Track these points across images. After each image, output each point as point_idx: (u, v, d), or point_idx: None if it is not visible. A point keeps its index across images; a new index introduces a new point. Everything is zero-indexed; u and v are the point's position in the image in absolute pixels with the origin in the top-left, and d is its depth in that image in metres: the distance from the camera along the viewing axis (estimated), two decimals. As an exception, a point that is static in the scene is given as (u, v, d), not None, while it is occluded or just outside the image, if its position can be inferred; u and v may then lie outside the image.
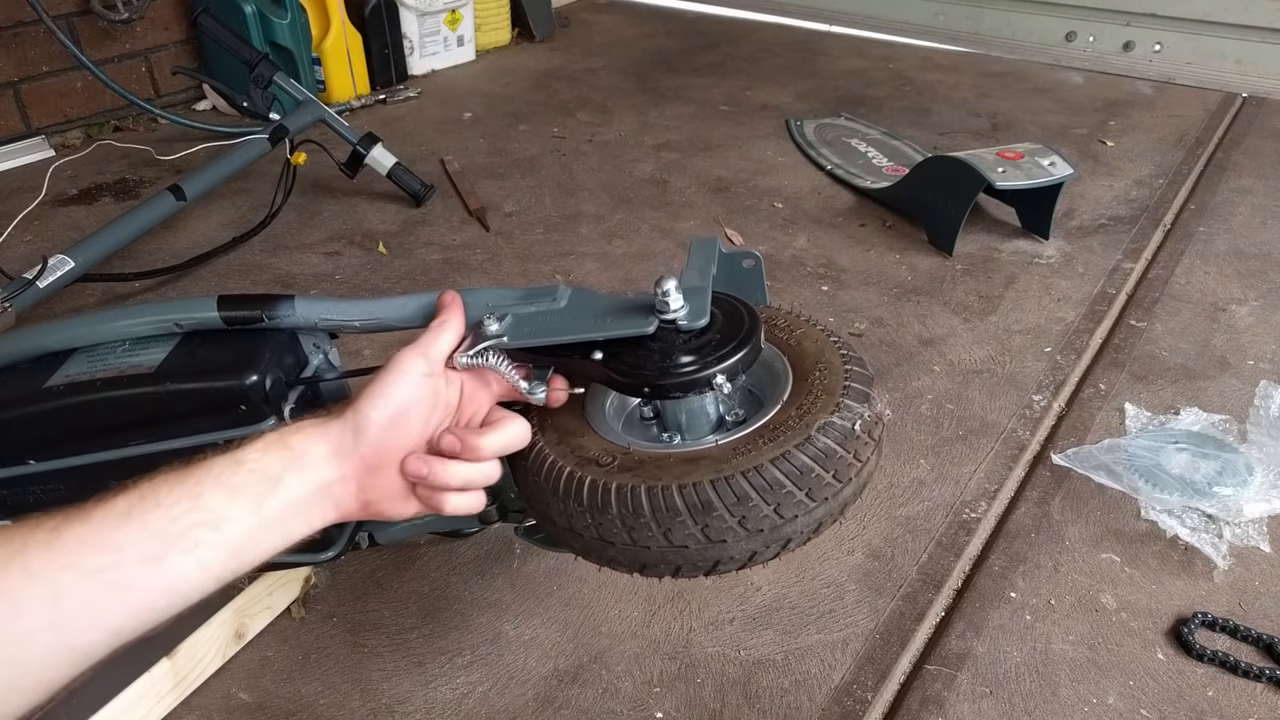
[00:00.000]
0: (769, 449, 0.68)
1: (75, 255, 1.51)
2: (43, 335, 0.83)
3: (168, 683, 0.91)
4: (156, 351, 0.79)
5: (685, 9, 3.33)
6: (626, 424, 0.81)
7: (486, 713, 0.93)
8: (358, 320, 0.82)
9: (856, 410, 0.70)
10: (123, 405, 0.77)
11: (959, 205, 1.70)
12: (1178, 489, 1.14)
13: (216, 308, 0.78)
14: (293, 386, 0.79)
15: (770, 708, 0.92)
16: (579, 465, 0.72)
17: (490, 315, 0.75)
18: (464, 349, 0.73)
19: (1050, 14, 2.74)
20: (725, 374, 0.70)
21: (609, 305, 0.76)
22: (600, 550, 0.72)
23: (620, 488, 0.69)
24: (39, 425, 0.80)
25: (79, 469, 0.81)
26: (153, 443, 0.79)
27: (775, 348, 0.80)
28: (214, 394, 0.76)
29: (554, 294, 0.78)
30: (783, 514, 0.67)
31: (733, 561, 0.70)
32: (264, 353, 0.77)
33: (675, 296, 0.71)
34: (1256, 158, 2.10)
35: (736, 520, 0.67)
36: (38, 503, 0.85)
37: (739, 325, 0.74)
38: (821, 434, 0.68)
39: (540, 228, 1.86)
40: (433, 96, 2.56)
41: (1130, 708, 0.92)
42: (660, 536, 0.68)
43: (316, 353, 0.84)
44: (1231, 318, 1.53)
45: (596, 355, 0.73)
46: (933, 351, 1.46)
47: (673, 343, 0.72)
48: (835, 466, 0.68)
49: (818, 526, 0.70)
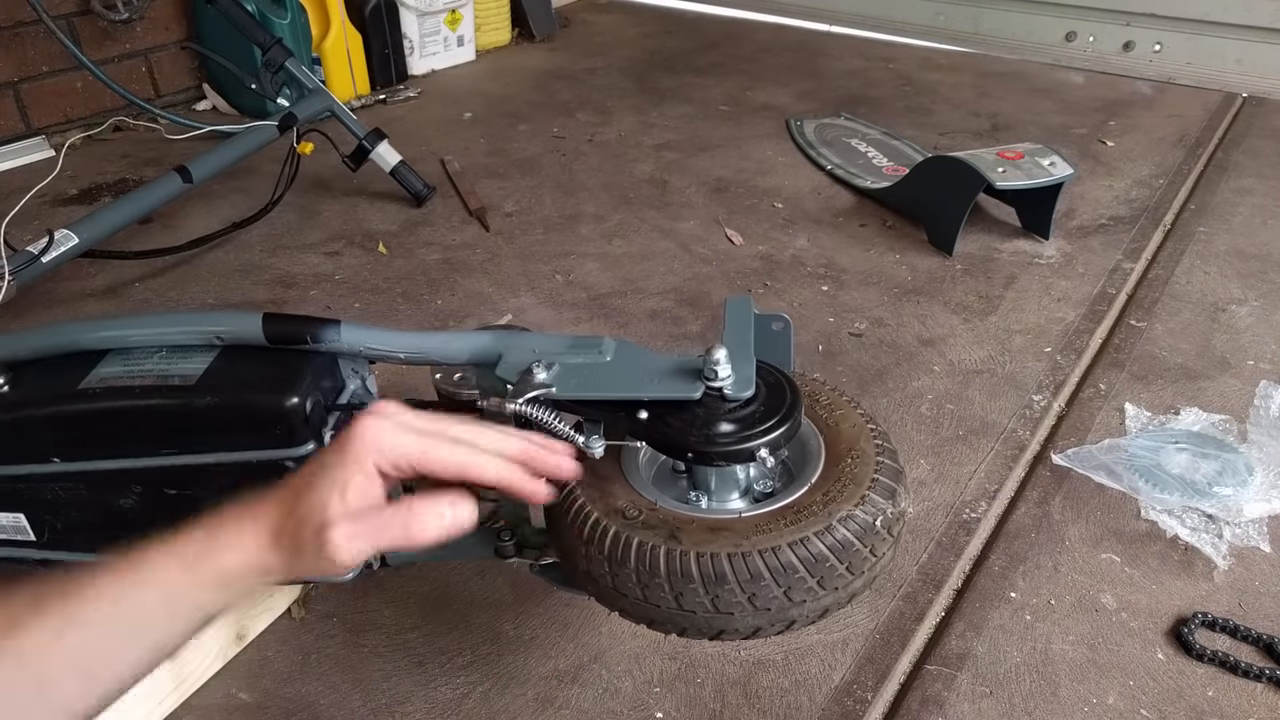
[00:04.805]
0: (789, 532, 0.69)
1: (80, 231, 1.51)
2: (77, 333, 0.82)
3: (168, 683, 0.91)
4: (196, 362, 0.78)
5: (685, 9, 3.33)
6: (658, 475, 0.82)
7: (486, 713, 0.93)
8: (402, 352, 0.81)
9: (880, 506, 0.72)
10: (160, 414, 0.76)
11: (959, 205, 1.70)
12: (1178, 489, 1.14)
13: (262, 325, 0.77)
14: (331, 411, 0.78)
15: (770, 708, 0.92)
16: (605, 514, 0.73)
17: (538, 363, 0.76)
18: (513, 397, 0.73)
19: (1050, 14, 2.74)
20: (768, 447, 0.71)
21: (656, 365, 0.77)
22: (613, 600, 0.74)
23: (641, 544, 0.70)
24: (70, 425, 0.79)
25: (104, 472, 0.80)
26: (185, 455, 0.78)
27: (813, 424, 0.81)
28: (254, 412, 0.75)
29: (599, 345, 0.79)
30: (792, 597, 0.69)
31: (736, 633, 0.71)
32: (306, 374, 0.76)
33: (724, 366, 0.73)
34: (1256, 158, 2.10)
35: (746, 596, 0.68)
36: (55, 500, 0.84)
37: (782, 399, 0.75)
38: (842, 525, 0.70)
39: (540, 228, 1.86)
40: (433, 96, 2.56)
41: (1130, 708, 0.92)
42: (671, 599, 0.69)
43: (354, 378, 0.83)
44: (1231, 318, 1.53)
45: (642, 414, 0.74)
46: (933, 351, 1.46)
47: (717, 410, 0.73)
48: (850, 559, 0.69)
49: (824, 612, 0.72)
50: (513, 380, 0.77)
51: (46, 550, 0.88)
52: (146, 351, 0.80)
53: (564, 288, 1.65)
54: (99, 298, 1.64)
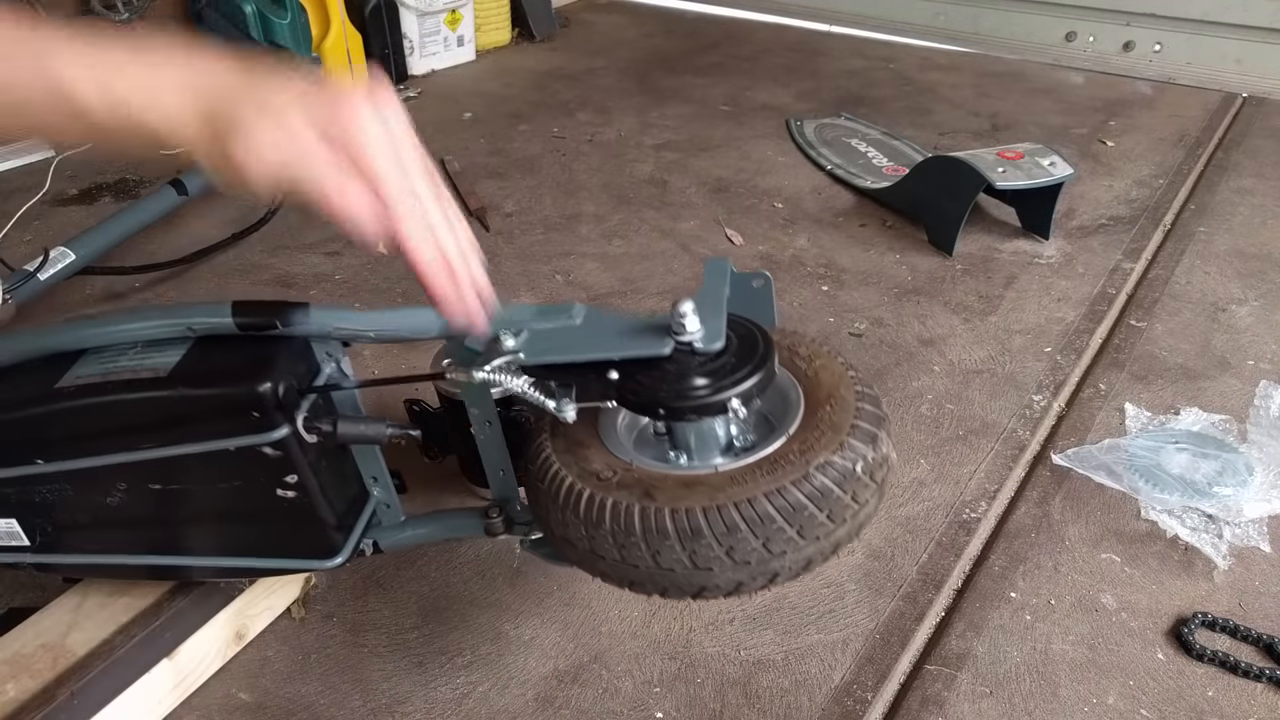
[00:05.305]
0: (765, 482, 0.68)
1: (76, 248, 1.51)
2: (53, 336, 0.83)
3: (169, 683, 0.91)
4: (169, 355, 0.79)
5: (685, 9, 3.32)
6: (639, 440, 0.82)
7: (486, 713, 0.93)
8: (372, 330, 0.81)
9: (860, 451, 0.70)
10: (134, 408, 0.77)
11: (959, 205, 1.70)
12: (1178, 489, 1.14)
13: (231, 313, 0.78)
14: (305, 394, 0.79)
15: (770, 708, 0.92)
16: (580, 477, 0.73)
17: (506, 331, 0.75)
18: (480, 364, 0.73)
19: (1050, 14, 2.74)
20: (740, 398, 0.70)
21: (625, 325, 0.76)
22: (592, 563, 0.73)
23: (615, 505, 0.69)
24: (48, 426, 0.80)
25: (87, 470, 0.81)
26: (164, 447, 0.79)
27: (792, 376, 0.80)
28: (227, 400, 0.76)
29: (570, 311, 0.78)
30: (771, 549, 0.67)
31: (718, 589, 0.70)
32: (277, 360, 0.77)
33: (692, 319, 0.72)
34: (1256, 158, 2.10)
35: (724, 550, 0.67)
36: (44, 503, 0.84)
37: (754, 349, 0.74)
38: (820, 472, 0.68)
39: (540, 228, 1.86)
40: (433, 96, 2.56)
41: (1130, 708, 0.92)
42: (649, 557, 0.68)
43: (329, 361, 0.84)
44: (1232, 318, 1.53)
45: (612, 375, 0.73)
46: (933, 351, 1.46)
47: (688, 365, 0.72)
48: (830, 506, 0.68)
49: (807, 563, 0.70)
50: (480, 350, 0.77)
51: (41, 554, 0.89)
52: (121, 348, 0.81)
53: (564, 288, 1.65)
54: (100, 304, 1.64)
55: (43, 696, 0.83)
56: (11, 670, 0.86)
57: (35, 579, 1.03)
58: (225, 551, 0.88)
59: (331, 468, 0.84)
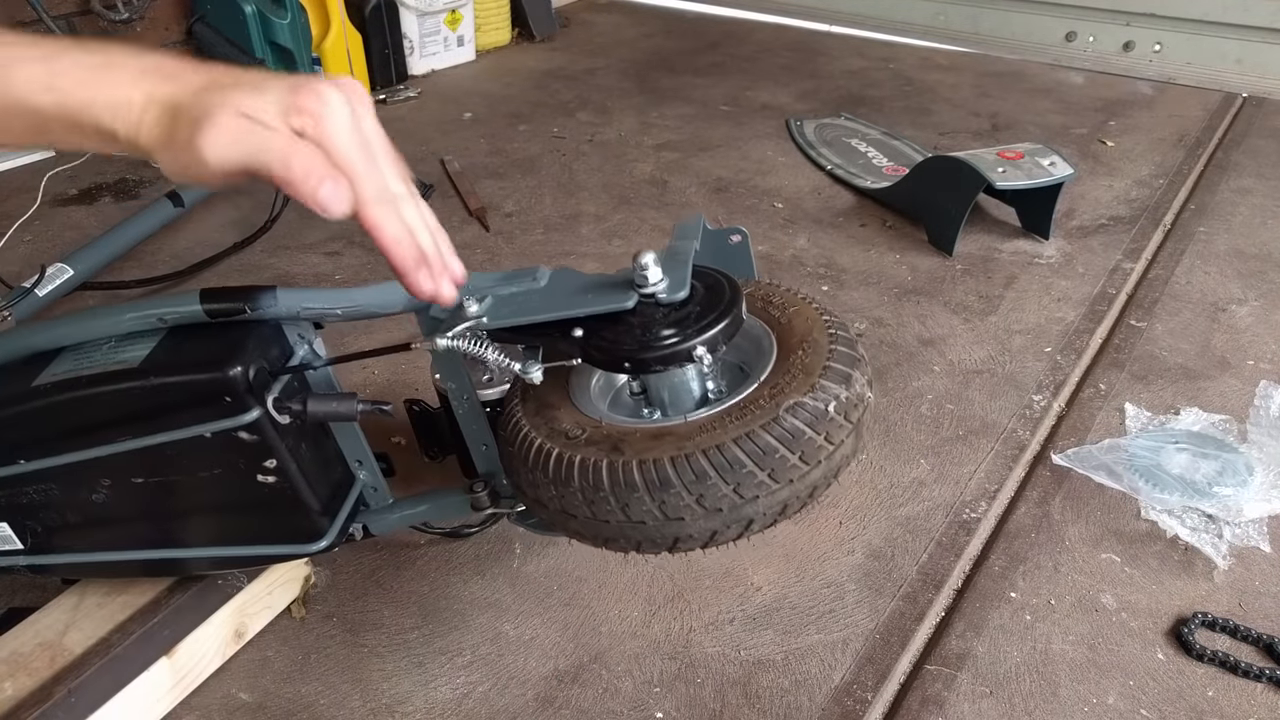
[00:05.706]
0: (734, 428, 0.67)
1: (74, 263, 1.53)
2: (29, 336, 0.83)
3: (167, 682, 0.91)
4: (141, 347, 0.79)
5: (685, 9, 3.32)
6: (614, 401, 0.81)
7: (486, 713, 0.93)
8: (340, 309, 0.82)
9: (832, 391, 0.69)
10: (108, 401, 0.77)
11: (959, 205, 1.69)
12: (1178, 489, 1.14)
13: (199, 301, 0.78)
14: (276, 376, 0.79)
15: (770, 708, 0.92)
16: (549, 437, 0.72)
17: (470, 297, 0.75)
18: (444, 331, 0.73)
19: (1050, 14, 2.74)
20: (705, 345, 0.69)
21: (589, 283, 0.76)
22: (564, 523, 0.72)
23: (583, 461, 0.69)
24: (27, 424, 0.80)
25: (70, 467, 0.81)
26: (141, 438, 0.79)
27: (765, 324, 0.78)
28: (198, 386, 0.76)
29: (534, 274, 0.78)
30: (742, 494, 0.66)
31: (692, 540, 0.69)
32: (247, 344, 0.77)
33: (654, 270, 0.71)
34: (1256, 158, 2.10)
35: (694, 498, 0.66)
36: (32, 504, 0.85)
37: (720, 297, 0.73)
38: (790, 414, 0.67)
39: (540, 228, 1.86)
40: (433, 96, 2.56)
41: (1130, 708, 0.92)
42: (619, 511, 0.68)
43: (302, 343, 0.84)
44: (1231, 318, 1.53)
45: (577, 332, 0.72)
46: (933, 351, 1.46)
47: (652, 317, 0.71)
48: (802, 448, 0.67)
49: (783, 508, 0.69)
50: (444, 318, 0.76)
51: (33, 556, 0.89)
52: (96, 344, 0.81)
53: (564, 288, 1.65)
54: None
55: (40, 694, 0.83)
56: (9, 669, 0.86)
57: (34, 581, 1.03)
58: (213, 542, 0.88)
59: (312, 451, 0.84)
